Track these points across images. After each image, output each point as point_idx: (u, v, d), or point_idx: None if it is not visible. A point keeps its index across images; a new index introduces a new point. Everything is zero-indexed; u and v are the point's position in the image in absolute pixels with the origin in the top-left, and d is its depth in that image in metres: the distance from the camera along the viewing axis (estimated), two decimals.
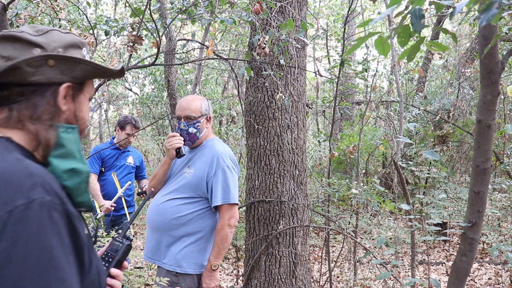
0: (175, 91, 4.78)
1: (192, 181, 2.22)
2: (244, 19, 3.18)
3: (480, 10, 1.08)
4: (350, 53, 1.94)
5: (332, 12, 9.76)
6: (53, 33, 0.92)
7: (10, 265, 0.67)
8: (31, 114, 0.88)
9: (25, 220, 0.70)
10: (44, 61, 0.87)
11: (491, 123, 1.70)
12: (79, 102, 0.96)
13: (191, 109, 2.28)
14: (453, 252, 6.09)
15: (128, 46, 2.84)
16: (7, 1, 2.47)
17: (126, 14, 9.54)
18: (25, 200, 0.72)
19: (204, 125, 2.30)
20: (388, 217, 6.65)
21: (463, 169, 8.69)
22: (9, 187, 0.73)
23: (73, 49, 0.94)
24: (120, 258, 1.15)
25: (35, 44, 0.88)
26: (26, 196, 0.72)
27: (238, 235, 5.07)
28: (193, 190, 2.22)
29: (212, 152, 2.25)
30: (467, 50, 7.43)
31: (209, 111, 2.34)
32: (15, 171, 0.76)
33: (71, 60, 0.91)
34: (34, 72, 0.87)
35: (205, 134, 2.33)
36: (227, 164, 2.22)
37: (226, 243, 2.20)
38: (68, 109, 0.93)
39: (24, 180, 0.74)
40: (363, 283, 4.67)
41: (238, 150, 7.96)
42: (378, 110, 7.94)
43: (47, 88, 0.90)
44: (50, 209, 0.73)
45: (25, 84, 0.87)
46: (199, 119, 2.27)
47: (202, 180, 2.21)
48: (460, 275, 1.83)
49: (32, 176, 0.76)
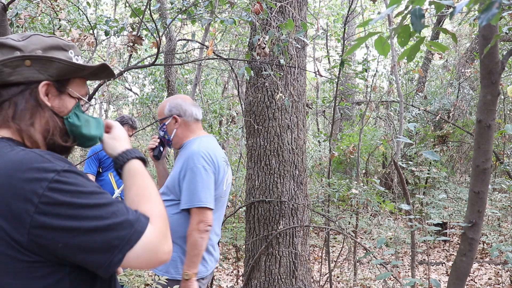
0: (175, 91, 4.78)
1: (169, 183, 2.15)
2: (244, 19, 3.18)
3: (480, 10, 1.08)
4: (350, 53, 1.94)
5: (332, 12, 9.76)
6: (34, 37, 1.02)
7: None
8: (13, 113, 0.99)
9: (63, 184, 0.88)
10: (21, 61, 0.97)
11: (491, 123, 1.70)
12: (62, 99, 1.04)
13: (158, 113, 2.28)
14: (453, 252, 6.10)
15: (128, 46, 2.84)
16: (7, 1, 2.47)
17: (126, 14, 9.53)
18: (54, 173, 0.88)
19: (172, 126, 2.21)
20: (388, 217, 6.65)
21: (463, 169, 8.69)
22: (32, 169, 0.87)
23: (54, 50, 1.03)
24: None
25: (16, 48, 0.99)
26: (53, 170, 0.89)
27: (238, 235, 5.07)
28: (172, 192, 2.13)
29: (187, 153, 2.12)
30: (467, 50, 7.43)
31: (177, 111, 2.21)
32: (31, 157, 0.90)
33: (44, 59, 0.99)
34: (12, 72, 0.97)
35: (182, 135, 2.22)
36: (196, 165, 2.04)
37: (197, 250, 2.01)
38: (53, 106, 1.03)
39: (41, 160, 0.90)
40: (363, 283, 4.67)
41: (238, 150, 7.96)
42: (378, 110, 7.94)
43: (27, 88, 0.99)
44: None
45: (7, 84, 0.98)
46: (164, 121, 2.22)
47: (175, 181, 2.10)
48: (460, 275, 1.83)
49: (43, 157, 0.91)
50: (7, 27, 2.47)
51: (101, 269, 0.90)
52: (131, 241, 0.91)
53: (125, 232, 0.91)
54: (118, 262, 0.90)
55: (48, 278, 0.90)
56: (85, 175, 0.96)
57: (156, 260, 0.94)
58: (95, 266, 0.90)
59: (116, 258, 0.89)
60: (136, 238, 0.91)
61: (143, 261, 0.93)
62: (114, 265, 0.89)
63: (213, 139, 2.28)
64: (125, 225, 0.92)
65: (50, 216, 0.85)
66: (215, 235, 2.27)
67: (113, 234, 0.89)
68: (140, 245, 0.92)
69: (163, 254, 0.95)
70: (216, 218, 2.20)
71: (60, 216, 0.86)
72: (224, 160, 2.21)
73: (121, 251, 0.89)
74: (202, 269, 2.14)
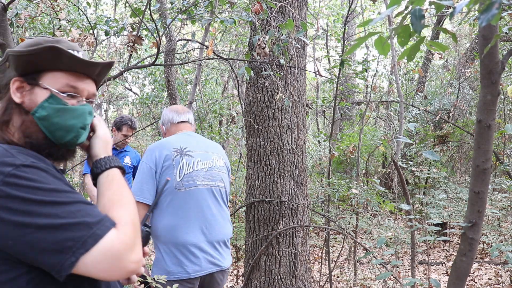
0: (175, 91, 4.78)
1: None
2: (244, 19, 3.18)
3: (480, 10, 1.08)
4: (350, 53, 1.94)
5: (332, 12, 9.75)
6: (24, 42, 1.07)
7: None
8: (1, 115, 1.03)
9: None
10: (4, 64, 1.04)
11: (491, 123, 1.70)
12: (34, 93, 1.03)
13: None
14: (453, 252, 6.10)
15: (128, 46, 2.84)
16: (7, 1, 2.47)
17: (126, 14, 9.53)
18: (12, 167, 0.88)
19: (163, 135, 2.43)
20: (388, 217, 6.65)
21: (463, 169, 8.69)
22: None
23: (32, 48, 1.03)
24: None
25: (6, 54, 1.04)
26: (10, 164, 0.89)
27: (238, 235, 5.07)
28: None
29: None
30: (467, 50, 7.43)
31: (161, 121, 2.41)
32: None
33: (12, 54, 1.01)
34: (2, 77, 1.04)
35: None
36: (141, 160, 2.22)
37: None
38: (24, 101, 1.02)
39: (2, 155, 0.91)
40: (363, 283, 4.67)
41: (238, 150, 7.96)
42: (378, 110, 7.94)
43: (7, 87, 1.04)
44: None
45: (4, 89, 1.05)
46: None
47: None
48: (460, 275, 1.83)
49: (7, 151, 0.93)
50: (7, 27, 2.47)
51: (54, 271, 0.85)
52: (86, 243, 0.85)
53: (80, 233, 0.86)
54: (71, 265, 0.85)
55: (1, 275, 0.87)
56: (51, 172, 0.93)
57: (120, 269, 0.88)
58: (47, 268, 0.86)
59: (68, 261, 0.85)
60: (92, 242, 0.86)
61: (104, 269, 0.87)
62: (66, 268, 0.85)
63: (181, 135, 2.28)
64: (82, 227, 0.86)
65: (1, 209, 0.83)
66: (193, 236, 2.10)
67: (67, 235, 0.85)
68: (99, 250, 0.86)
69: (128, 263, 0.89)
70: (192, 216, 2.10)
71: (11, 210, 0.84)
72: (178, 149, 2.17)
73: (74, 254, 0.85)
74: (178, 270, 2.08)
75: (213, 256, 2.17)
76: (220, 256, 2.21)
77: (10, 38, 2.48)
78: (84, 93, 1.07)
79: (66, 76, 1.04)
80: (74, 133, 1.04)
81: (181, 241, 2.09)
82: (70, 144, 1.05)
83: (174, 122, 2.34)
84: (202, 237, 2.14)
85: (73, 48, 1.07)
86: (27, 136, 1.01)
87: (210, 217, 2.19)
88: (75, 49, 1.08)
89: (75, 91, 1.05)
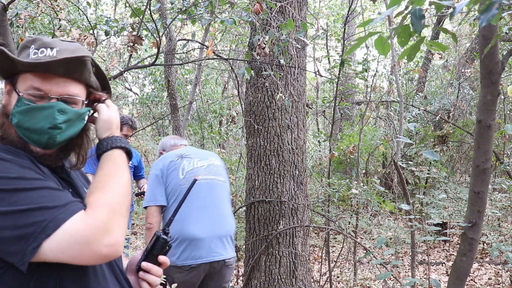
0: (175, 91, 4.78)
1: None
2: (244, 19, 3.18)
3: (480, 10, 1.08)
4: (350, 53, 1.95)
5: (332, 12, 9.75)
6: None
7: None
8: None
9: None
10: None
11: (491, 123, 1.70)
12: (12, 97, 1.03)
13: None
14: (453, 252, 6.09)
15: (128, 46, 2.84)
16: (7, 1, 2.47)
17: (126, 14, 9.53)
18: None
19: None
20: (388, 217, 6.65)
21: (463, 169, 8.69)
22: None
23: (21, 51, 1.05)
24: (155, 252, 1.10)
25: None
26: None
27: (238, 235, 5.07)
28: None
29: None
30: (467, 50, 7.43)
31: (161, 148, 2.75)
32: None
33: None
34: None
35: None
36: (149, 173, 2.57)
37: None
38: (6, 104, 1.03)
39: None
40: (363, 283, 4.67)
41: (238, 150, 7.96)
42: (378, 110, 7.94)
43: None
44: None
45: None
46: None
47: None
48: (460, 275, 1.83)
49: None
50: (7, 27, 2.47)
51: (16, 259, 0.84)
52: (47, 228, 0.84)
53: (41, 218, 0.84)
54: (33, 251, 0.83)
55: None
56: (17, 161, 0.92)
57: (92, 253, 0.86)
58: (10, 258, 0.84)
59: (30, 247, 0.83)
60: (54, 226, 0.84)
61: (73, 254, 0.85)
62: (28, 254, 0.83)
63: (180, 149, 2.58)
64: (43, 212, 0.85)
65: None
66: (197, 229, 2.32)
67: (27, 220, 0.84)
68: (64, 234, 0.84)
69: (100, 246, 0.86)
70: (195, 208, 2.33)
71: None
72: (178, 155, 2.48)
73: (36, 239, 0.83)
74: (182, 258, 2.28)
75: (216, 246, 2.34)
76: (223, 248, 2.37)
77: (10, 38, 2.48)
78: (51, 93, 1.01)
79: (31, 77, 1.00)
80: (47, 134, 1.00)
81: (185, 233, 2.29)
82: (49, 145, 1.02)
83: (175, 145, 2.67)
84: (205, 230, 2.33)
85: (46, 46, 1.03)
86: (5, 136, 1.02)
87: (213, 209, 2.39)
88: (48, 46, 1.03)
89: (39, 92, 1.00)
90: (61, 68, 1.01)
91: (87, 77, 1.07)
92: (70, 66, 1.02)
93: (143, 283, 1.11)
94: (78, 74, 1.05)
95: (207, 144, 8.17)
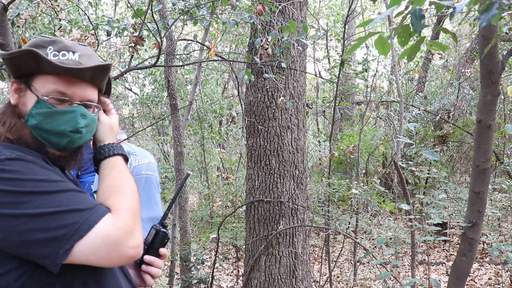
0: (175, 91, 4.78)
1: None
2: (246, 20, 3.17)
3: (480, 10, 1.09)
4: (350, 53, 1.95)
5: (332, 12, 9.75)
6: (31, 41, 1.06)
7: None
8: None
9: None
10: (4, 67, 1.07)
11: (491, 123, 1.70)
12: (26, 97, 1.02)
13: None
14: (453, 252, 6.09)
15: (130, 47, 2.84)
16: (8, 1, 2.47)
17: (126, 14, 9.54)
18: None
19: None
20: (388, 217, 6.65)
21: (463, 169, 8.69)
22: None
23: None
24: (156, 246, 1.14)
25: None
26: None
27: (238, 235, 5.08)
28: None
29: None
30: (467, 50, 7.43)
31: None
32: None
33: (3, 58, 1.01)
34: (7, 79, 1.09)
35: None
36: None
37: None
38: (18, 103, 1.02)
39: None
40: (363, 283, 4.68)
41: (238, 150, 7.96)
42: (378, 110, 7.94)
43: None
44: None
45: None
46: None
47: None
48: (460, 275, 1.83)
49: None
50: (8, 27, 2.47)
51: (48, 261, 0.84)
52: (80, 230, 0.85)
53: (73, 220, 0.85)
54: (66, 253, 0.84)
55: None
56: (39, 163, 0.92)
57: (120, 255, 0.88)
58: (41, 260, 0.84)
59: (63, 249, 0.84)
60: (86, 228, 0.85)
61: (103, 255, 0.87)
62: (61, 256, 0.84)
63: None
64: (74, 214, 0.85)
65: None
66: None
67: (59, 222, 0.84)
68: (95, 236, 0.86)
69: (127, 248, 0.89)
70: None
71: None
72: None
73: (68, 241, 0.84)
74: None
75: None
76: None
77: (10, 38, 2.48)
78: (75, 98, 1.02)
79: (54, 80, 1.00)
80: (68, 137, 1.01)
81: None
82: (67, 148, 1.03)
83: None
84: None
85: (68, 49, 1.03)
86: (18, 137, 1.00)
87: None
88: (70, 50, 1.03)
89: (63, 96, 1.01)
90: (88, 75, 1.03)
91: (104, 83, 1.11)
92: (96, 73, 1.05)
93: (146, 275, 1.14)
94: (99, 81, 1.08)
95: (207, 144, 8.18)
